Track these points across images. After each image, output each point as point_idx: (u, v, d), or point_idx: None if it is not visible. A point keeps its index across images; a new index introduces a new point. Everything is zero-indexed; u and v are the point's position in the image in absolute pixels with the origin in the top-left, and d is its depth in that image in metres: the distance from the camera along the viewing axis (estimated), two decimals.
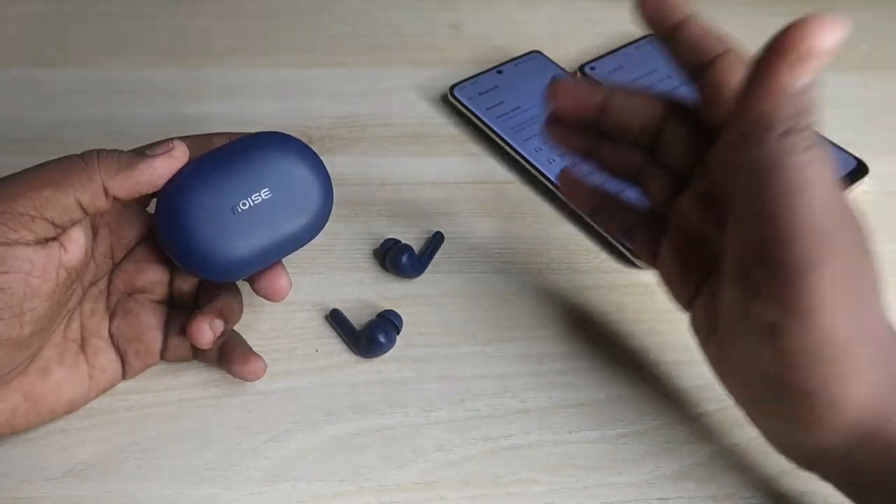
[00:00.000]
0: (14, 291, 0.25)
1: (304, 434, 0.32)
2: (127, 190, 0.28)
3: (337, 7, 0.56)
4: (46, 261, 0.26)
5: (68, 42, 0.51)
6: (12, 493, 0.29)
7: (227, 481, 0.30)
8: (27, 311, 0.26)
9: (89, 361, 0.31)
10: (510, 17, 0.56)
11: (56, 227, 0.27)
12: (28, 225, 0.26)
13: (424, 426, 0.32)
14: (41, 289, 0.26)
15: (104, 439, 0.31)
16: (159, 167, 0.28)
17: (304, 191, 0.30)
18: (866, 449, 0.25)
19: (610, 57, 0.51)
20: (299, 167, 0.30)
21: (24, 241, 0.26)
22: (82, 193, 0.27)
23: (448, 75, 0.49)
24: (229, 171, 0.29)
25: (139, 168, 0.28)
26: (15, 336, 0.26)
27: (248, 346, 0.33)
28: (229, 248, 0.29)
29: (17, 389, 0.29)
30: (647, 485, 0.31)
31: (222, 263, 0.29)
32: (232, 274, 0.30)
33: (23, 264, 0.26)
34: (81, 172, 0.27)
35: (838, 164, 0.44)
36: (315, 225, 0.30)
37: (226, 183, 0.29)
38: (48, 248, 0.26)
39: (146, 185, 0.28)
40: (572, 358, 0.35)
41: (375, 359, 0.35)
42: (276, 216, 0.29)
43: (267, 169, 0.29)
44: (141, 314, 0.32)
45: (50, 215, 0.26)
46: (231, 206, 0.29)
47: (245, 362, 0.32)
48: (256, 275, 0.31)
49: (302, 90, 0.49)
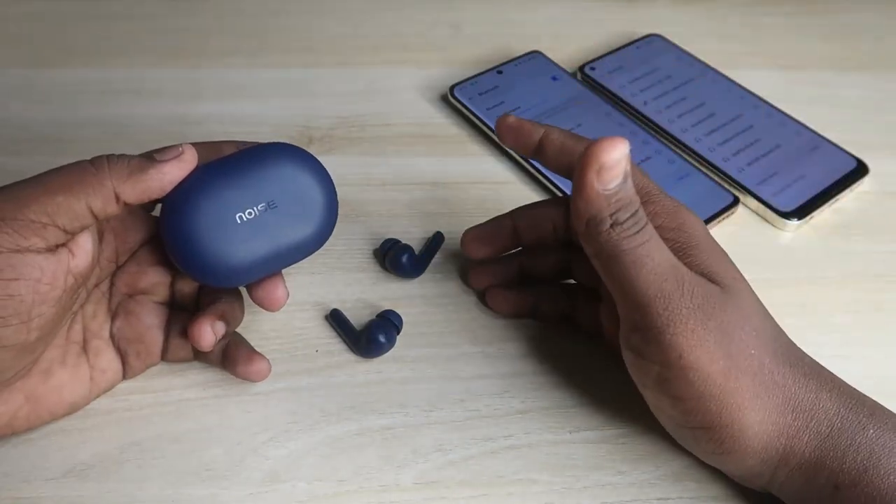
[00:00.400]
0: (23, 298, 0.25)
1: (304, 434, 0.32)
2: (138, 195, 0.28)
3: (337, 7, 0.56)
4: (56, 267, 0.26)
5: (68, 42, 0.51)
6: (12, 493, 0.29)
7: (227, 481, 0.30)
8: (35, 318, 0.26)
9: (90, 363, 0.31)
10: (510, 17, 0.56)
11: (66, 234, 0.27)
12: (39, 232, 0.26)
13: (424, 426, 0.32)
14: (49, 295, 0.26)
15: (104, 439, 0.31)
16: (169, 172, 0.28)
17: (310, 203, 0.30)
18: (784, 469, 0.28)
19: (610, 57, 0.51)
20: (306, 179, 0.30)
21: (34, 248, 0.26)
22: (94, 199, 0.27)
23: (448, 75, 0.49)
24: (236, 179, 0.29)
25: (149, 173, 0.28)
26: (22, 341, 0.26)
27: (251, 347, 0.33)
28: (231, 255, 0.29)
29: (20, 391, 0.29)
30: (647, 485, 0.31)
31: (223, 270, 0.29)
32: (232, 280, 0.30)
33: (33, 271, 0.26)
34: (92, 178, 0.27)
35: (836, 165, 0.44)
36: (318, 237, 0.31)
37: (232, 191, 0.29)
38: (57, 254, 0.27)
39: (157, 191, 0.28)
40: (572, 357, 0.35)
41: (375, 359, 0.35)
42: (279, 226, 0.29)
43: (273, 180, 0.29)
44: (142, 315, 0.32)
45: (61, 222, 0.26)
46: (236, 215, 0.29)
47: (250, 363, 0.32)
48: (255, 283, 0.31)
49: (302, 90, 0.49)
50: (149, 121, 0.46)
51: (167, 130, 0.45)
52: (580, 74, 0.50)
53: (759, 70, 0.52)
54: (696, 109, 0.47)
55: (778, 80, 0.51)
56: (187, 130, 0.45)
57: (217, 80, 0.49)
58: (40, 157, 0.28)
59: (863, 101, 0.50)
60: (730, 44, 0.54)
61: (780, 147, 0.45)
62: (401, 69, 0.51)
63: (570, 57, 0.51)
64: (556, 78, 0.49)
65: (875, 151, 0.45)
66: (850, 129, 0.47)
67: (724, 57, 0.52)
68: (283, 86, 0.49)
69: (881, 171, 0.44)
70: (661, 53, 0.51)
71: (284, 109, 0.47)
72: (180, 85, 0.48)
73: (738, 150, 0.44)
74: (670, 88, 0.48)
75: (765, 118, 0.46)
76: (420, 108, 0.48)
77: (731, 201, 0.41)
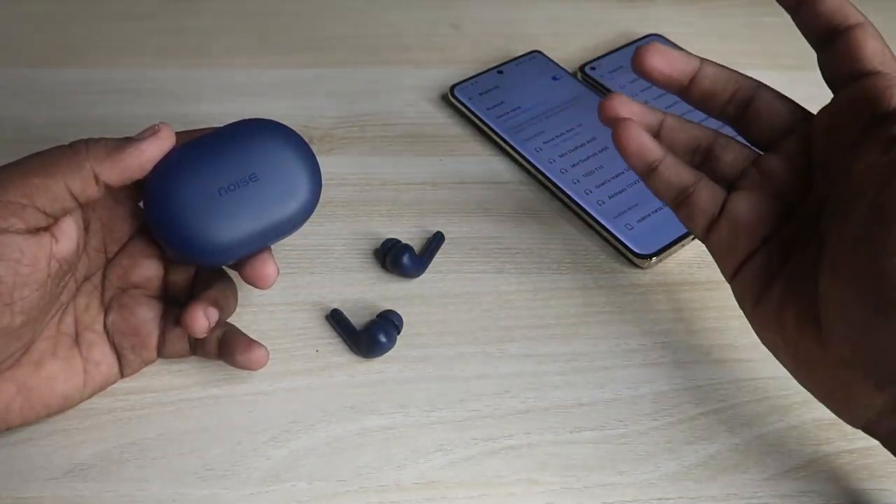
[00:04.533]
0: (3, 279, 0.26)
1: (304, 434, 0.32)
2: (118, 175, 0.28)
3: (337, 7, 0.56)
4: (37, 250, 0.26)
5: (68, 42, 0.51)
6: (13, 493, 0.29)
7: (227, 481, 0.30)
8: (17, 301, 0.26)
9: (83, 355, 0.31)
10: (510, 17, 0.56)
11: (47, 217, 0.27)
12: (18, 213, 0.26)
13: (425, 426, 0.32)
14: (31, 278, 0.26)
15: (104, 439, 0.31)
16: (147, 150, 0.28)
17: (292, 176, 0.30)
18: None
19: (610, 57, 0.51)
20: (287, 152, 0.30)
21: (13, 229, 0.26)
22: (72, 181, 0.27)
23: (448, 75, 0.49)
24: (216, 154, 0.29)
25: (127, 151, 0.28)
26: (5, 325, 0.26)
27: (248, 336, 0.32)
28: (216, 230, 0.29)
29: (11, 381, 0.29)
30: (647, 485, 0.31)
31: (209, 245, 0.29)
32: (219, 257, 0.30)
33: (12, 252, 0.26)
34: (71, 160, 0.27)
35: None
36: (303, 210, 0.30)
37: (212, 165, 0.29)
38: (39, 237, 0.27)
39: (136, 170, 0.28)
40: (572, 358, 0.35)
41: (376, 359, 0.35)
42: (263, 200, 0.29)
43: (254, 152, 0.29)
44: (136, 309, 0.32)
45: (40, 204, 0.26)
46: (217, 189, 0.29)
47: (248, 350, 0.31)
48: (243, 261, 0.31)
49: (302, 90, 0.49)
50: (149, 121, 0.45)
51: None
52: (581, 74, 0.50)
53: (759, 70, 0.52)
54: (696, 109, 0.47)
55: (778, 80, 0.51)
56: None
57: (217, 80, 0.49)
58: None
59: None
60: (730, 44, 0.54)
61: None
62: (401, 69, 0.51)
63: (570, 57, 0.51)
64: (556, 78, 0.49)
65: None
66: None
67: (724, 57, 0.51)
68: (283, 86, 0.49)
69: None
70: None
71: (284, 109, 0.47)
72: (180, 85, 0.48)
73: None
74: None
75: None
76: (420, 108, 0.48)
77: None
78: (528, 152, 0.44)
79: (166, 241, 0.30)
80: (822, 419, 0.33)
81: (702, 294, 0.38)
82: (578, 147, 0.44)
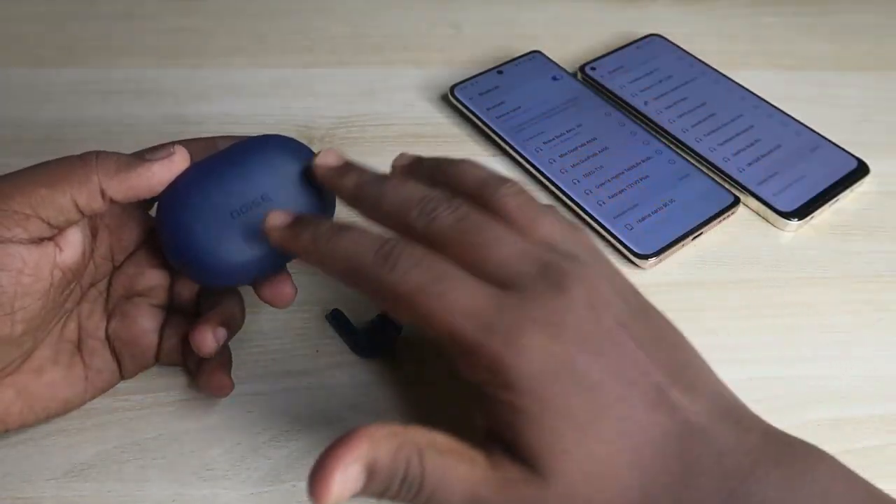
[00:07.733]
0: (5, 289, 0.25)
1: (304, 434, 0.32)
2: (124, 192, 0.27)
3: (337, 7, 0.56)
4: (40, 260, 0.26)
5: (68, 42, 0.51)
6: (13, 493, 0.29)
7: (227, 481, 0.30)
8: (18, 310, 0.26)
9: (85, 362, 0.31)
10: (510, 17, 0.56)
11: (51, 227, 0.27)
12: (21, 223, 0.26)
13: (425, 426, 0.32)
14: (33, 287, 0.26)
15: (104, 439, 0.31)
16: (157, 172, 0.28)
17: (305, 195, 0.30)
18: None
19: (610, 57, 0.51)
20: (297, 169, 0.30)
21: (16, 238, 0.26)
22: (78, 194, 0.27)
23: (448, 75, 0.49)
24: (229, 175, 0.29)
25: (137, 171, 0.27)
26: (6, 334, 0.26)
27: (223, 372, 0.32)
28: (229, 253, 0.29)
29: (10, 386, 0.28)
30: None
31: (222, 269, 0.29)
32: (231, 279, 0.30)
33: (14, 262, 0.25)
34: (79, 172, 0.27)
35: (837, 165, 0.44)
36: None
37: (225, 188, 0.29)
38: (42, 247, 0.26)
39: (144, 190, 0.28)
40: None
41: (375, 359, 0.35)
42: None
43: (266, 173, 0.29)
44: (138, 318, 0.32)
45: (45, 214, 0.26)
46: (230, 212, 0.29)
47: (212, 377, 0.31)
48: (262, 281, 0.31)
49: (302, 90, 0.49)
50: (149, 121, 0.46)
51: (167, 130, 0.45)
52: (580, 74, 0.50)
53: (759, 70, 0.52)
54: (696, 109, 0.47)
55: (778, 80, 0.51)
56: (187, 130, 0.45)
57: (217, 80, 0.49)
58: (40, 157, 0.28)
59: (863, 101, 0.50)
60: (730, 44, 0.54)
61: (781, 147, 0.45)
62: (401, 69, 0.51)
63: (570, 57, 0.51)
64: (556, 78, 0.49)
65: (875, 151, 0.45)
66: (850, 129, 0.47)
67: (724, 57, 0.52)
68: (283, 86, 0.49)
69: (881, 171, 0.44)
70: (662, 53, 0.51)
71: (284, 109, 0.47)
72: (180, 85, 0.48)
73: (738, 150, 0.44)
74: (671, 88, 0.48)
75: (765, 118, 0.46)
76: (420, 108, 0.48)
77: (732, 201, 0.41)
78: (528, 152, 0.44)
79: (180, 266, 0.30)
80: (822, 419, 0.33)
81: (702, 294, 0.38)
82: (578, 147, 0.44)
